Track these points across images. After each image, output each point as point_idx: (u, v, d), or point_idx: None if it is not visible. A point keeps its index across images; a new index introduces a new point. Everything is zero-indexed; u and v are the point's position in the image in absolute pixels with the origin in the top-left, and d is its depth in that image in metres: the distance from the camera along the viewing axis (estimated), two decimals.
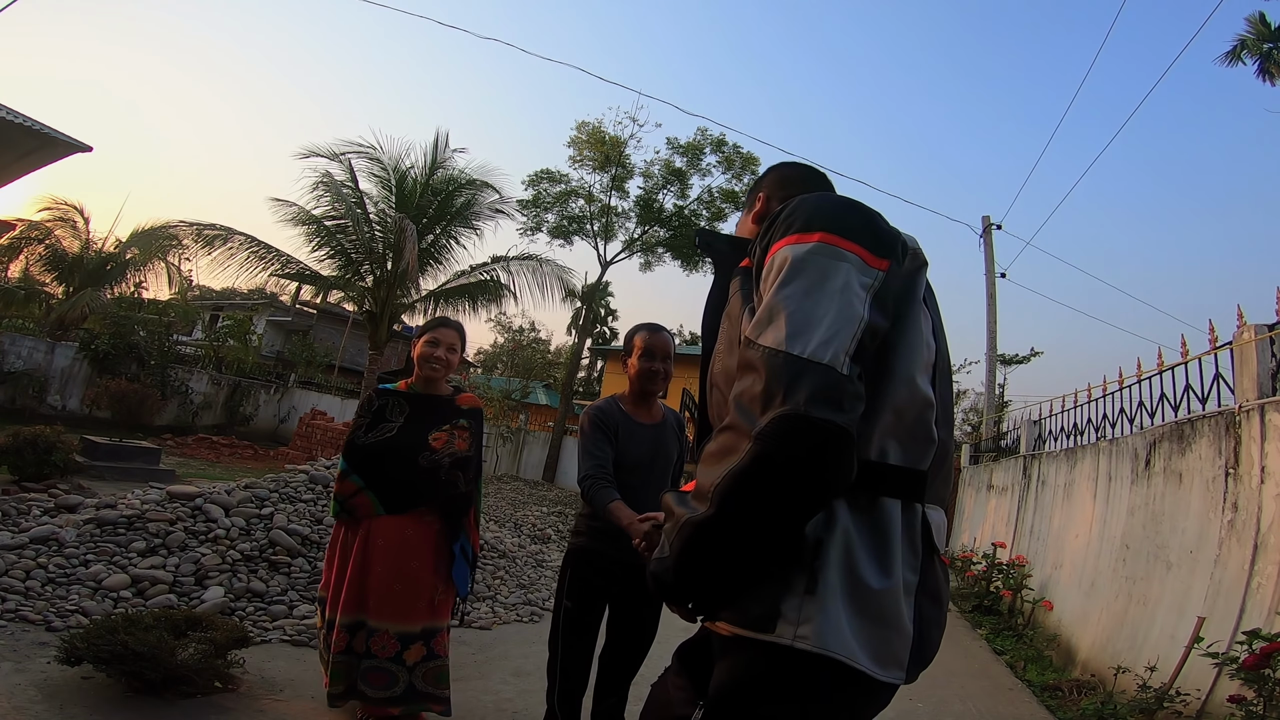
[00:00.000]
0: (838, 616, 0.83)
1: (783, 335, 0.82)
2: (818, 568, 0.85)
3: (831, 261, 0.87)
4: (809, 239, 0.89)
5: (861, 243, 0.89)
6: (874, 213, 0.96)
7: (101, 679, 2.47)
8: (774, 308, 0.85)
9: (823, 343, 0.80)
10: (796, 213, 0.94)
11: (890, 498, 0.89)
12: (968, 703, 3.87)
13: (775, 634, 0.84)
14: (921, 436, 0.92)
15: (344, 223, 12.63)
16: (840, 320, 0.83)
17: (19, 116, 7.91)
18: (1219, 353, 3.90)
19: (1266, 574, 3.08)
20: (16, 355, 12.46)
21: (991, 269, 12.63)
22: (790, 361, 0.80)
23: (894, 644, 0.86)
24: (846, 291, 0.85)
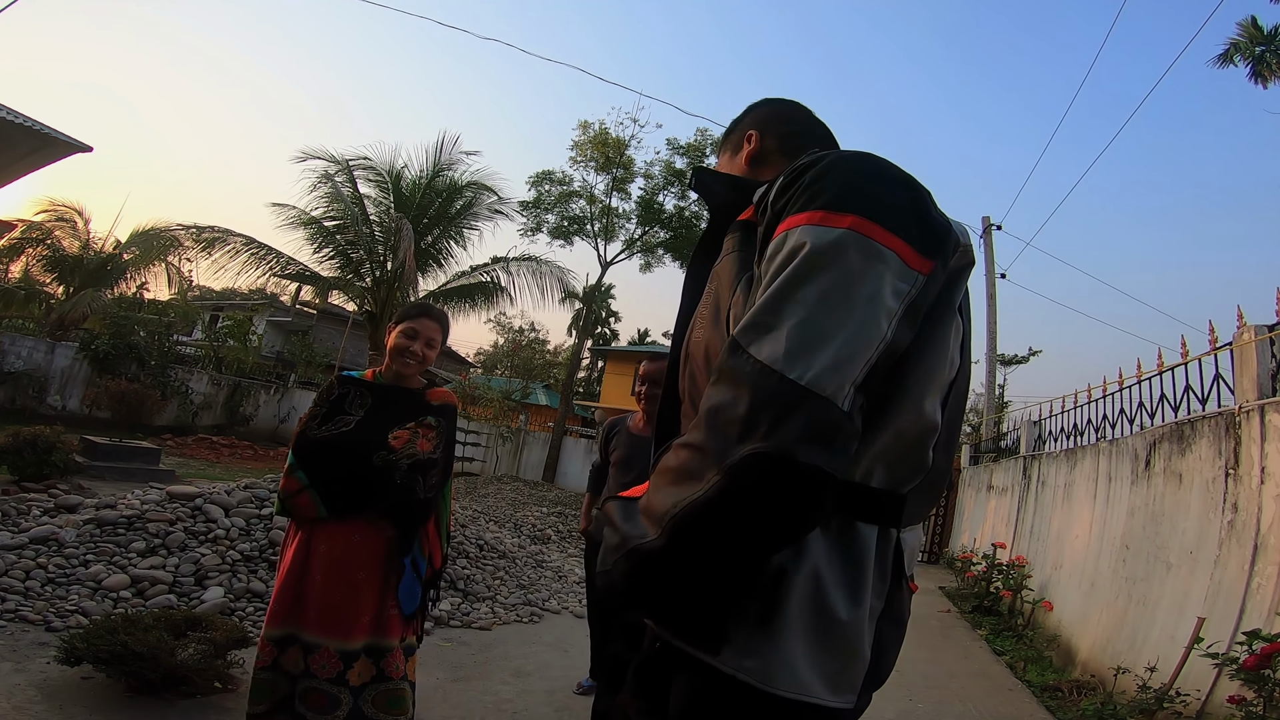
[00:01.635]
0: (792, 651, 0.76)
1: (781, 351, 0.67)
2: (778, 597, 0.76)
3: (863, 260, 0.70)
4: (838, 221, 0.71)
5: (907, 236, 0.72)
6: (925, 192, 0.78)
7: (101, 679, 2.47)
8: (778, 310, 0.70)
9: (828, 369, 0.66)
10: (828, 179, 0.75)
11: (867, 523, 0.79)
12: (968, 703, 3.87)
13: (719, 659, 0.77)
14: (914, 462, 0.81)
15: (343, 223, 12.65)
16: (856, 342, 0.68)
17: (19, 116, 7.91)
18: (1219, 353, 3.90)
19: (1266, 574, 3.08)
20: (16, 355, 12.46)
21: (991, 269, 12.64)
22: (784, 388, 0.66)
23: (851, 671, 0.80)
24: (874, 303, 0.69)
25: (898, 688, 3.92)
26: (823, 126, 1.10)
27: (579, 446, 15.39)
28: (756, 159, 1.05)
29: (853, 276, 0.70)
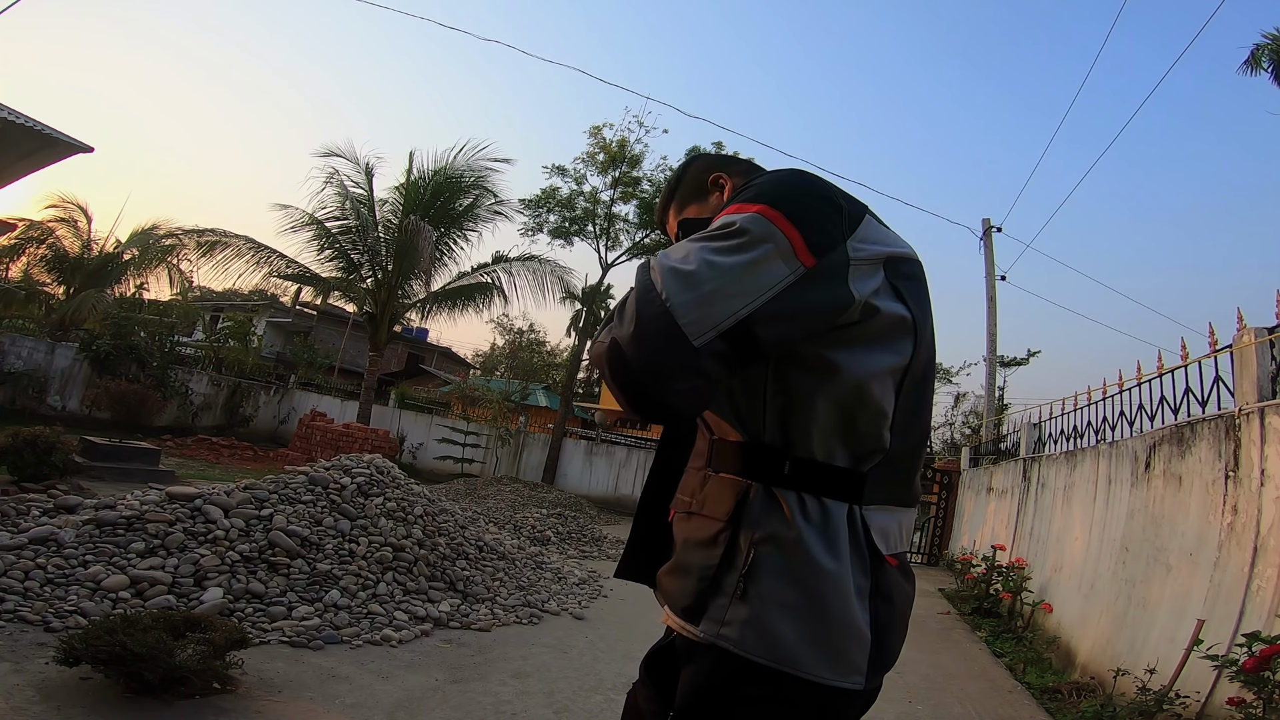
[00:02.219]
0: (773, 623, 0.83)
1: (673, 282, 0.81)
2: (750, 571, 0.85)
3: (759, 236, 0.83)
4: (751, 208, 0.86)
5: (801, 230, 0.84)
6: (839, 206, 0.90)
7: (100, 680, 2.47)
8: (689, 249, 0.84)
9: (693, 304, 0.79)
10: (758, 185, 0.91)
11: (834, 499, 0.88)
12: (967, 705, 3.87)
13: (700, 628, 0.87)
14: (868, 442, 0.90)
15: (346, 224, 12.66)
16: (732, 291, 0.80)
17: (20, 117, 7.92)
18: (1219, 356, 3.90)
19: (1266, 577, 3.08)
20: (16, 355, 12.46)
21: (991, 271, 12.64)
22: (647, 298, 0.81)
23: (849, 649, 0.85)
24: (756, 269, 0.82)
25: (897, 690, 3.91)
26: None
27: (579, 448, 15.39)
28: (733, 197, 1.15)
29: (746, 245, 0.83)
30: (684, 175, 1.22)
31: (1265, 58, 10.27)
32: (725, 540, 0.89)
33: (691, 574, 0.91)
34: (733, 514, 0.89)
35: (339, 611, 3.75)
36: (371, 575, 4.15)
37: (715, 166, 1.18)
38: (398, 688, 3.03)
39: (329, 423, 13.19)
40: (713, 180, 1.16)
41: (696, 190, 1.18)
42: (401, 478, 5.26)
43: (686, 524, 0.97)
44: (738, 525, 0.89)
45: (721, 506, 0.91)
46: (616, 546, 8.51)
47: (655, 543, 1.06)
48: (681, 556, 0.95)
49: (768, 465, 0.90)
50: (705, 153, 1.19)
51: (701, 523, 0.93)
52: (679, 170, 1.24)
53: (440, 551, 4.77)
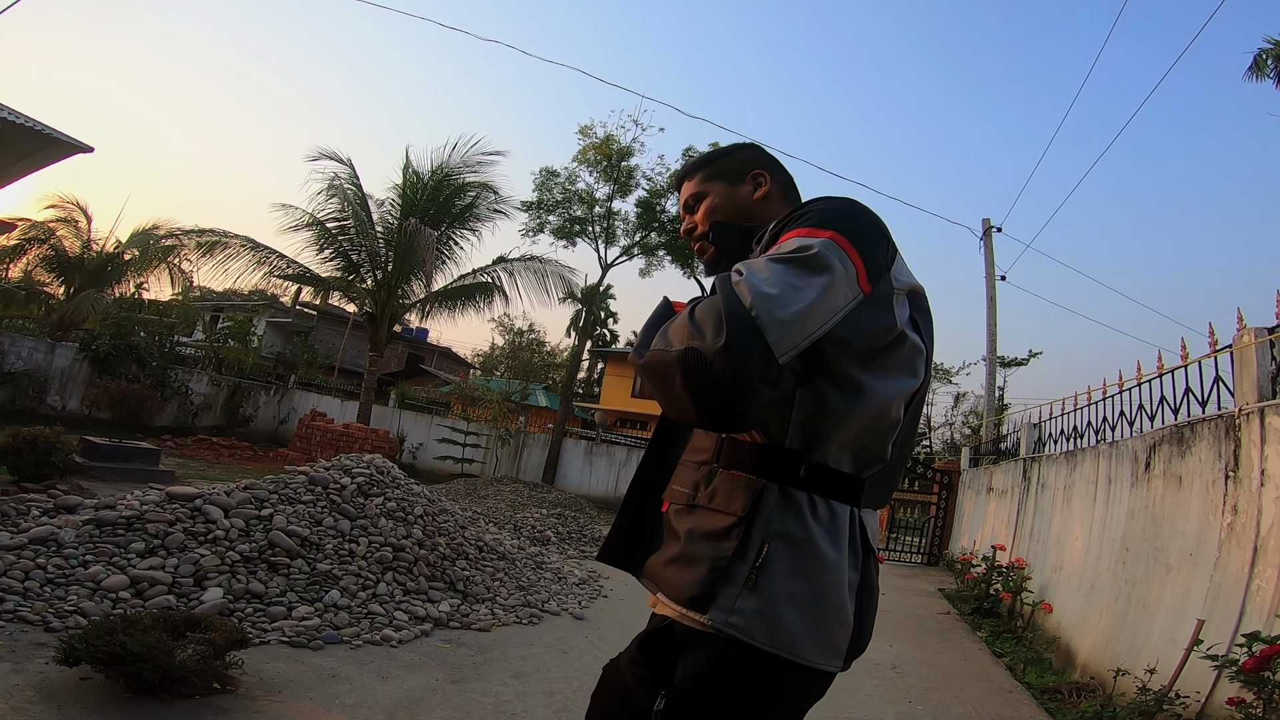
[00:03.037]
0: (780, 613, 0.90)
1: (758, 294, 0.86)
2: (765, 564, 0.92)
3: (832, 263, 0.89)
4: (822, 234, 0.92)
5: (864, 259, 0.92)
6: (887, 236, 1.00)
7: (100, 680, 2.47)
8: (769, 268, 0.89)
9: (779, 324, 0.85)
10: (821, 210, 0.97)
11: (840, 502, 0.96)
12: (967, 705, 3.87)
13: (708, 617, 0.92)
14: (876, 452, 0.99)
15: (346, 224, 12.66)
16: (812, 313, 0.87)
17: (20, 117, 7.93)
18: (1219, 356, 3.90)
19: (1266, 577, 3.08)
20: (16, 355, 12.46)
21: (991, 272, 12.64)
22: (737, 312, 0.85)
23: (836, 636, 0.94)
24: (830, 294, 0.88)
25: (897, 690, 3.91)
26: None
27: (579, 448, 15.39)
28: (766, 199, 1.19)
29: (823, 270, 0.89)
30: (729, 154, 1.25)
31: (1269, 63, 10.28)
32: (739, 535, 0.94)
33: (701, 565, 0.95)
34: (748, 510, 0.94)
35: (339, 611, 3.75)
36: (371, 575, 4.15)
37: (762, 164, 1.22)
38: (398, 688, 3.03)
39: (329, 423, 13.19)
40: (753, 175, 1.20)
41: (733, 175, 1.21)
42: (401, 478, 5.26)
43: (690, 517, 1.01)
44: (752, 521, 0.94)
45: (735, 502, 0.96)
46: None
47: (642, 531, 1.10)
48: (689, 548, 0.98)
49: (785, 467, 0.96)
50: (760, 147, 1.21)
51: (710, 516, 0.98)
52: (726, 149, 1.27)
53: (440, 551, 4.77)
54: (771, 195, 1.20)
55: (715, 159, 1.24)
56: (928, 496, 12.61)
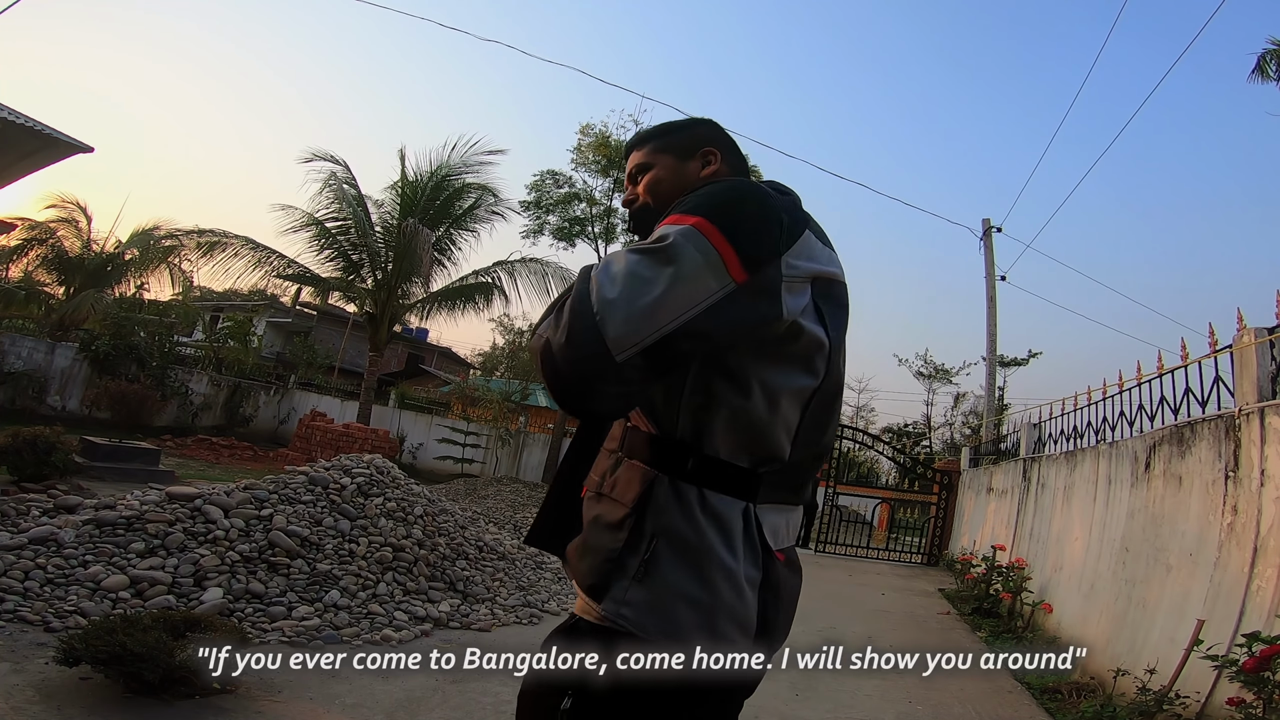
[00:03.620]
0: (670, 607, 0.89)
1: (606, 294, 0.84)
2: (652, 557, 0.90)
3: (691, 252, 0.85)
4: (688, 220, 0.88)
5: (735, 245, 0.87)
6: (776, 221, 0.92)
7: (100, 679, 2.47)
8: (622, 261, 0.86)
9: (622, 321, 0.82)
10: (700, 194, 0.93)
11: (732, 497, 0.93)
12: (967, 705, 3.87)
13: (602, 607, 0.91)
14: (768, 450, 0.95)
15: (346, 224, 12.65)
16: (660, 308, 0.83)
17: (20, 117, 7.93)
18: (1219, 356, 3.90)
19: (1266, 577, 3.08)
20: (16, 355, 12.46)
21: (991, 272, 12.64)
22: (580, 308, 0.84)
23: (734, 635, 0.91)
24: (683, 284, 0.84)
25: (897, 690, 3.91)
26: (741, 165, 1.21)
27: None
28: (713, 178, 1.12)
29: (676, 260, 0.85)
30: (683, 128, 1.20)
31: (1272, 64, 10.28)
32: (630, 525, 0.93)
33: (598, 555, 0.94)
34: (638, 501, 0.93)
35: (339, 611, 3.75)
36: (371, 575, 4.15)
37: (714, 141, 1.16)
38: (397, 688, 3.03)
39: (329, 423, 13.19)
40: (704, 152, 1.15)
41: (684, 149, 1.16)
42: (401, 478, 5.26)
43: (596, 505, 1.00)
44: (643, 513, 0.93)
45: (629, 492, 0.95)
46: None
47: (566, 515, 1.08)
48: (589, 537, 0.98)
49: (675, 459, 0.94)
50: (717, 124, 1.15)
51: (610, 506, 0.97)
52: (681, 122, 1.22)
53: (440, 551, 4.77)
54: (719, 175, 1.14)
55: (668, 132, 1.19)
56: (928, 496, 12.61)
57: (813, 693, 3.69)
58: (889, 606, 7.20)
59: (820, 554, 11.52)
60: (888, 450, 15.29)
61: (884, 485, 18.42)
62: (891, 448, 15.46)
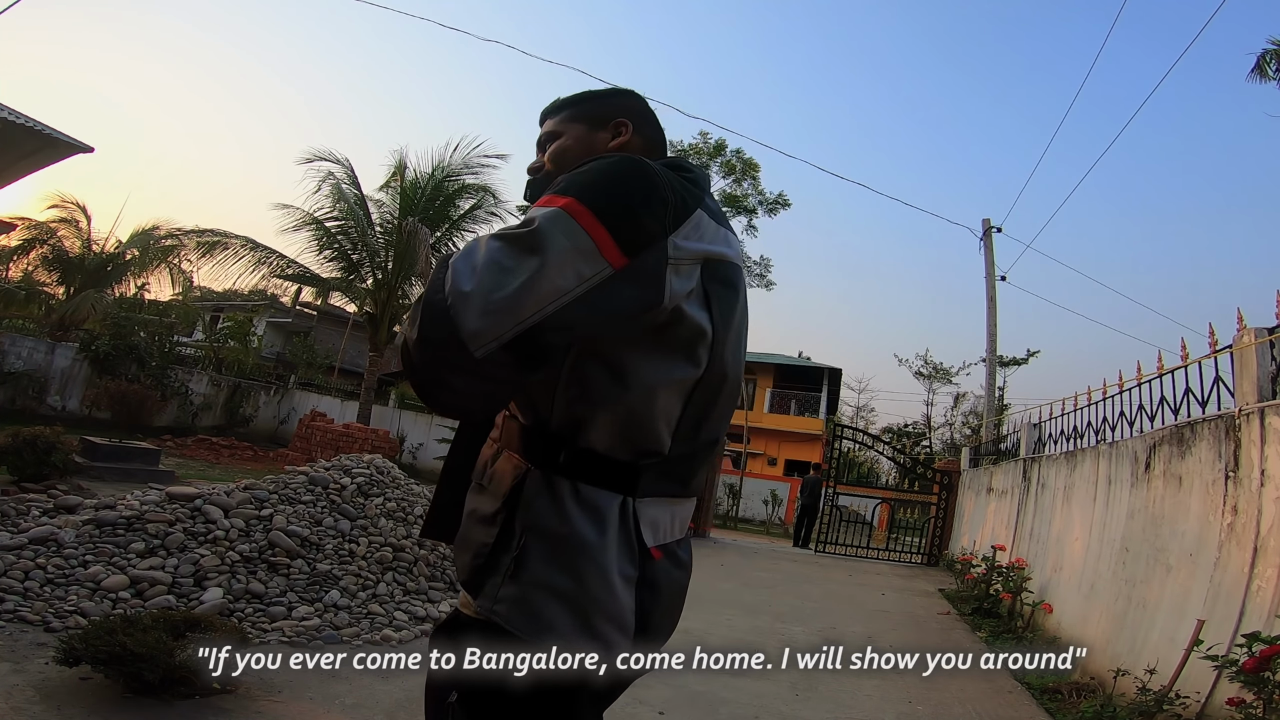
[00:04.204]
0: (538, 603, 0.86)
1: (463, 287, 0.77)
2: (523, 552, 0.87)
3: (559, 237, 0.79)
4: (558, 202, 0.82)
5: (612, 229, 0.80)
6: (661, 200, 0.85)
7: (100, 679, 2.47)
8: (483, 251, 0.80)
9: (486, 312, 0.76)
10: (578, 172, 0.86)
11: (607, 490, 0.89)
12: (967, 705, 3.87)
13: (477, 603, 0.90)
14: (647, 442, 0.91)
15: (345, 224, 12.66)
16: (522, 300, 0.77)
17: (20, 117, 7.93)
18: (1219, 356, 3.90)
19: (1266, 577, 3.08)
20: (16, 355, 12.46)
21: (991, 272, 12.64)
22: (442, 316, 0.77)
23: (608, 632, 0.88)
24: (548, 272, 0.78)
25: (897, 690, 3.91)
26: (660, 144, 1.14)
27: None
28: (622, 150, 1.06)
29: (540, 248, 0.78)
30: (599, 97, 1.13)
31: (1272, 64, 10.29)
32: (502, 520, 0.90)
33: (470, 549, 0.93)
34: (510, 495, 0.90)
35: (339, 611, 3.75)
36: (371, 575, 4.15)
37: (629, 112, 1.10)
38: (397, 688, 3.03)
39: (329, 423, 13.19)
40: (616, 123, 1.09)
41: (596, 118, 1.09)
42: (402, 478, 5.26)
43: (476, 497, 0.98)
44: (514, 507, 0.90)
45: (502, 485, 0.92)
46: None
47: (456, 507, 1.05)
48: (465, 531, 0.97)
49: (548, 451, 0.90)
50: (637, 95, 1.14)
51: (486, 499, 0.95)
52: (599, 91, 1.15)
53: (440, 551, 4.77)
54: (630, 147, 1.07)
55: (583, 101, 1.12)
56: (928, 497, 12.61)
57: (813, 693, 3.69)
58: (889, 606, 7.20)
59: (820, 554, 11.52)
60: (888, 450, 15.30)
61: (884, 485, 18.43)
62: (891, 448, 15.46)
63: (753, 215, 17.06)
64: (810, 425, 25.33)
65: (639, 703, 3.26)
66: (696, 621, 5.26)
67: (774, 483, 20.54)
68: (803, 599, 7.02)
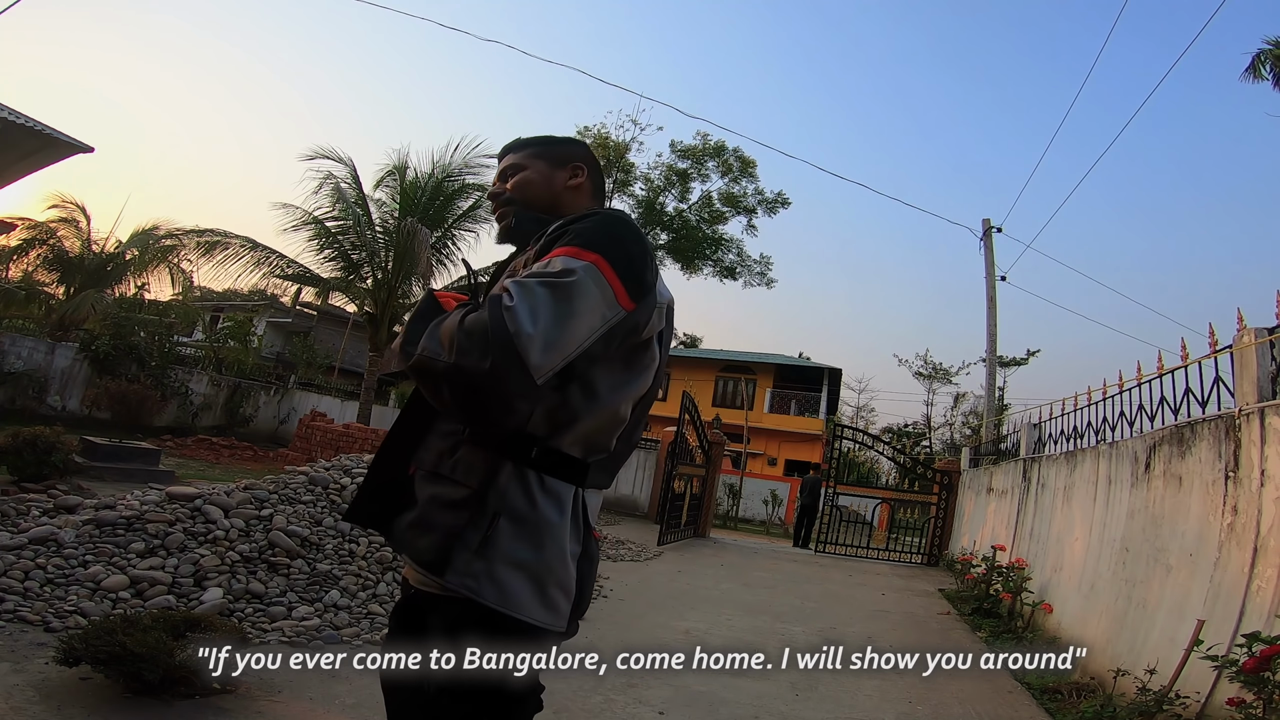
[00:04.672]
0: (506, 576, 1.03)
1: (520, 324, 0.95)
2: (494, 532, 1.03)
3: (591, 286, 1.00)
4: (586, 256, 1.03)
5: (624, 280, 1.04)
6: (653, 257, 1.12)
7: (100, 680, 2.47)
8: (535, 293, 0.98)
9: (541, 349, 0.95)
10: (590, 229, 1.07)
11: (566, 482, 1.09)
12: (966, 705, 3.87)
13: (445, 579, 1.03)
14: (602, 444, 1.12)
15: (345, 224, 12.65)
16: (570, 339, 0.98)
17: (20, 117, 7.93)
18: (1219, 356, 3.90)
19: (1266, 577, 3.08)
20: (16, 355, 12.45)
21: (991, 272, 12.64)
22: (503, 339, 0.94)
23: (559, 600, 1.07)
24: (587, 316, 1.00)
25: (897, 690, 3.91)
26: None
27: None
28: (575, 190, 1.31)
29: (581, 297, 1.00)
30: (561, 143, 1.35)
31: (1266, 64, 10.30)
32: (474, 505, 1.05)
33: (438, 531, 1.06)
34: (483, 483, 1.06)
35: (339, 611, 3.75)
36: (372, 575, 4.15)
37: (586, 160, 1.33)
38: None
39: (329, 423, 13.18)
40: (575, 167, 1.32)
41: (558, 160, 1.31)
42: None
43: (434, 485, 1.11)
44: (486, 493, 1.05)
45: (474, 476, 1.07)
46: (616, 547, 8.51)
47: (391, 493, 1.19)
48: (428, 515, 1.09)
49: (521, 448, 1.07)
50: (589, 147, 1.44)
51: (450, 486, 1.09)
52: (560, 138, 1.37)
53: None
54: (582, 189, 1.31)
55: (547, 143, 1.34)
56: (928, 497, 12.60)
57: (813, 693, 3.69)
58: (889, 606, 7.20)
59: (820, 554, 11.51)
60: (888, 450, 15.29)
61: (884, 485, 18.42)
62: (891, 448, 15.46)
63: (752, 215, 17.04)
64: (810, 425, 25.33)
65: (639, 703, 3.26)
66: (696, 621, 5.26)
67: (774, 483, 20.54)
68: (803, 599, 7.02)
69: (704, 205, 16.70)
